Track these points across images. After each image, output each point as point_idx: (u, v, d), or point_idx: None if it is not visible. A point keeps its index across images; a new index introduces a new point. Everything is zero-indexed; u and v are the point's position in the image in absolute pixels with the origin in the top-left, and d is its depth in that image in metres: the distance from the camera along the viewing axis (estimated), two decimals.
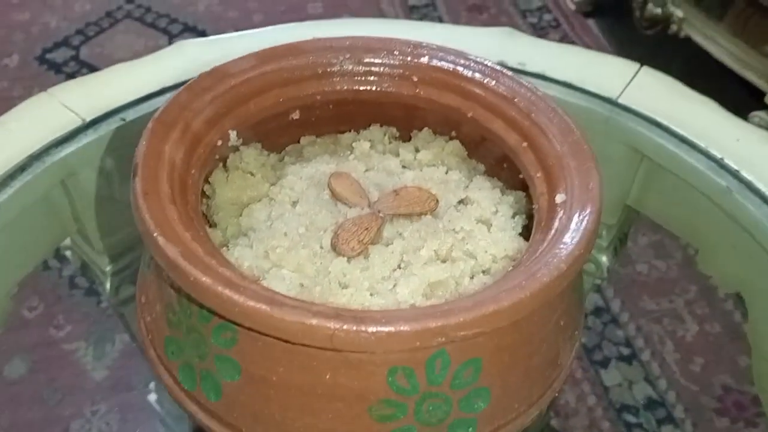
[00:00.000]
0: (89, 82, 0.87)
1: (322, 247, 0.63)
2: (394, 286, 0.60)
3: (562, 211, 0.56)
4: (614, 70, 0.88)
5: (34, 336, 1.88)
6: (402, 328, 0.46)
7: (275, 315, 0.46)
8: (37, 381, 1.84)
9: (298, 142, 0.75)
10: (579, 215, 0.55)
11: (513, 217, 0.68)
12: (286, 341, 0.47)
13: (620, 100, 0.85)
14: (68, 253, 1.29)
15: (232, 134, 0.66)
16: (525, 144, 0.64)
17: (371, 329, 0.46)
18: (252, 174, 0.71)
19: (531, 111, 0.65)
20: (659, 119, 0.82)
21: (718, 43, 1.81)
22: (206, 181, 0.70)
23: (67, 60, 2.38)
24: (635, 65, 0.89)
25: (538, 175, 0.61)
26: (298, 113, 0.71)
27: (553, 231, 0.54)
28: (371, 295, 0.59)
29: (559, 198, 0.58)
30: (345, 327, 0.45)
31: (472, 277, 0.62)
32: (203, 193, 0.71)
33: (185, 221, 0.53)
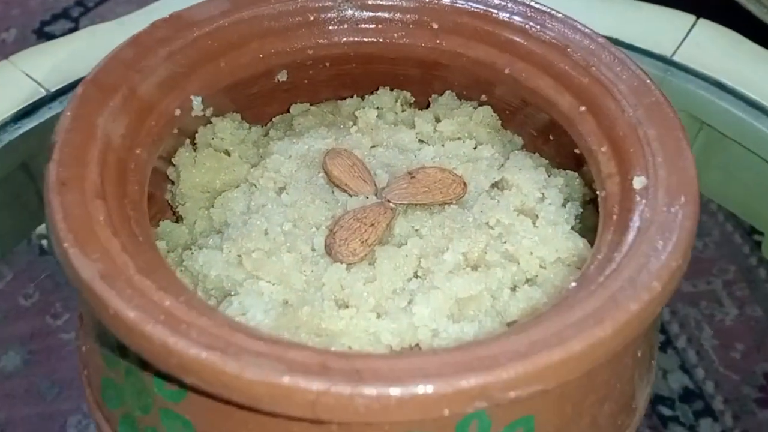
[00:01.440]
0: (56, 48, 0.73)
1: (314, 250, 0.48)
2: (410, 303, 0.45)
3: (643, 201, 0.40)
4: (666, 23, 0.76)
5: (29, 326, 1.76)
6: (422, 389, 0.30)
7: (228, 370, 0.31)
8: (33, 374, 1.72)
9: (287, 111, 0.59)
10: (670, 207, 0.39)
11: (564, 205, 0.52)
12: (249, 408, 0.32)
13: (675, 58, 0.73)
14: (44, 243, 1.14)
15: (196, 101, 0.50)
16: (583, 108, 0.48)
17: (374, 392, 0.30)
18: (227, 153, 0.55)
19: (591, 64, 0.49)
20: (722, 79, 0.71)
21: None
22: (170, 162, 0.55)
23: (65, 33, 2.24)
24: (690, 17, 0.76)
25: (603, 149, 0.45)
26: (285, 74, 0.55)
27: (633, 230, 0.39)
28: (378, 316, 0.44)
29: (639, 182, 0.42)
30: (334, 389, 0.30)
31: (513, 289, 0.46)
32: (166, 177, 0.56)
33: (116, 222, 0.38)
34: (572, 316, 0.34)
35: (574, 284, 0.39)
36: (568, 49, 0.51)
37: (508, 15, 0.53)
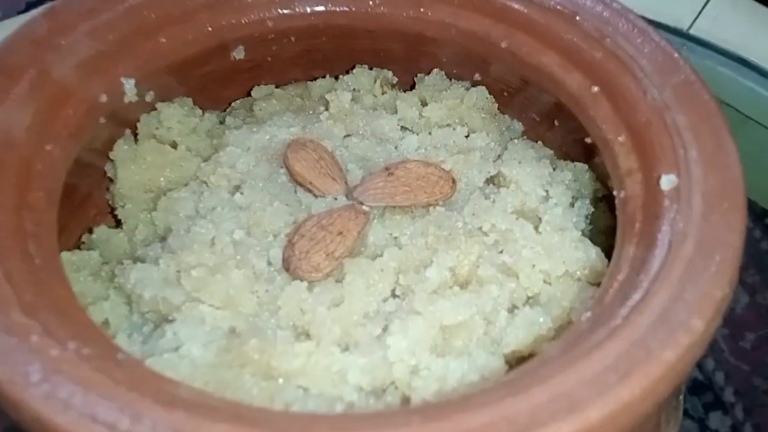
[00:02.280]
0: None
1: (269, 264, 0.39)
2: (384, 330, 0.36)
3: (674, 207, 0.32)
4: None
5: None
6: None
7: None
8: None
9: (249, 95, 0.51)
10: (710, 216, 0.31)
11: (572, 204, 0.43)
12: None
13: (692, 32, 0.66)
14: None
15: (128, 85, 0.41)
16: (596, 88, 0.39)
17: None
18: (174, 145, 0.47)
19: (605, 34, 0.40)
20: (744, 54, 0.63)
21: None
22: (107, 156, 0.46)
23: None
24: None
25: (621, 139, 0.37)
26: (242, 51, 0.47)
27: (662, 245, 0.30)
28: (344, 350, 0.36)
29: (667, 182, 0.33)
30: None
31: (512, 311, 0.38)
32: (105, 174, 0.47)
33: (4, 242, 0.29)
34: (588, 368, 0.25)
35: (587, 315, 0.31)
36: (577, 17, 0.42)
37: None
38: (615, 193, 0.38)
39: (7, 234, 0.31)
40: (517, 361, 0.38)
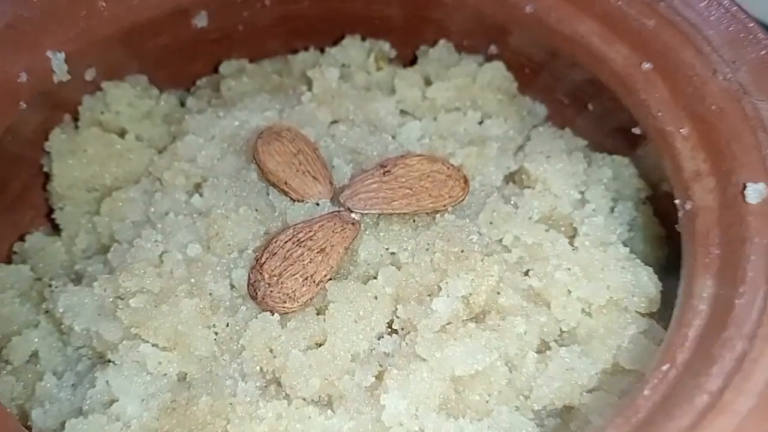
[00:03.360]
0: None
1: (232, 288, 0.31)
2: (378, 378, 0.28)
3: (766, 227, 0.23)
4: None
5: None
6: None
7: None
8: None
9: (216, 71, 0.42)
10: None
11: (612, 209, 0.35)
12: None
13: None
14: None
15: (56, 60, 0.33)
16: (647, 65, 0.31)
17: None
18: (122, 134, 0.38)
19: None
20: None
21: None
22: (43, 148, 0.38)
23: None
24: None
25: (684, 131, 0.29)
26: (204, 17, 0.39)
27: (756, 283, 0.22)
28: (325, 409, 0.27)
29: (755, 193, 0.25)
30: None
31: (542, 351, 0.30)
32: (41, 169, 0.39)
33: None
34: None
35: (653, 381, 0.23)
36: None
37: None
38: (678, 202, 0.29)
39: None
40: (547, 414, 0.29)
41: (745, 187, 0.26)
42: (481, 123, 0.39)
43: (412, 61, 0.44)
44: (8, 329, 0.34)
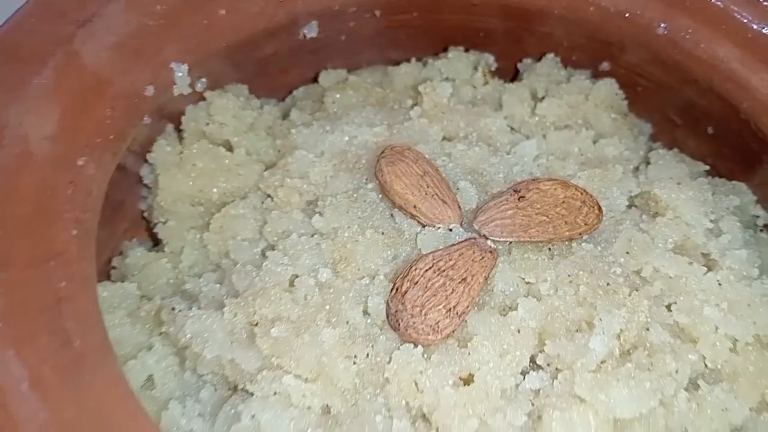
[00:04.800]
0: None
1: (367, 315, 0.30)
2: (530, 417, 0.27)
3: None
4: None
5: None
6: None
7: None
8: None
9: (315, 81, 0.41)
10: None
11: (741, 236, 0.34)
12: None
13: None
14: None
15: (179, 72, 0.32)
16: None
17: None
18: (228, 146, 0.37)
19: None
20: None
21: None
22: (144, 158, 0.37)
23: None
24: None
25: None
26: (315, 27, 0.37)
27: None
28: None
29: None
30: None
31: (693, 389, 0.29)
32: (140, 179, 0.38)
33: (17, 324, 0.20)
34: None
35: None
36: (766, 2, 0.32)
37: None
38: None
39: (30, 305, 0.21)
40: None
41: None
42: (595, 143, 0.38)
43: (515, 75, 0.42)
44: (120, 352, 0.32)
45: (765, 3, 0.32)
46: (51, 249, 0.24)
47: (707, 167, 0.37)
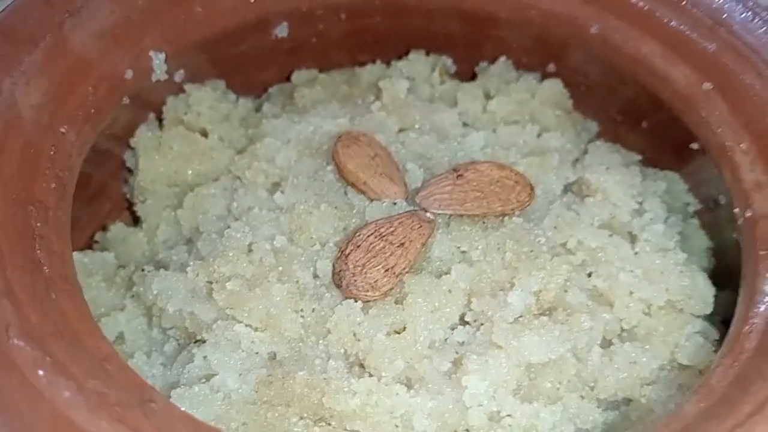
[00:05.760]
0: None
1: (316, 278, 0.33)
2: (455, 364, 0.30)
3: None
4: None
5: None
6: None
7: None
8: None
9: (288, 79, 0.45)
10: None
11: (665, 219, 0.37)
12: None
13: None
14: None
15: (157, 60, 0.36)
16: (708, 84, 0.33)
17: None
18: (204, 133, 0.41)
19: (719, 23, 0.34)
20: None
21: None
22: (127, 144, 0.41)
23: None
24: None
25: (744, 146, 0.31)
26: (285, 27, 0.41)
27: None
28: (410, 388, 0.29)
29: None
30: None
31: (607, 347, 0.32)
32: (123, 164, 0.41)
33: None
34: None
35: (722, 364, 0.25)
36: (685, 2, 0.36)
37: None
38: (737, 211, 0.32)
39: (9, 235, 0.25)
40: (609, 404, 0.32)
41: None
42: (539, 136, 0.42)
43: (472, 77, 0.46)
44: (95, 312, 0.36)
45: (685, 3, 0.36)
46: (31, 196, 0.27)
47: (640, 157, 0.41)
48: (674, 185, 0.40)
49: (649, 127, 0.41)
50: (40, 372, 0.20)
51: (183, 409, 0.25)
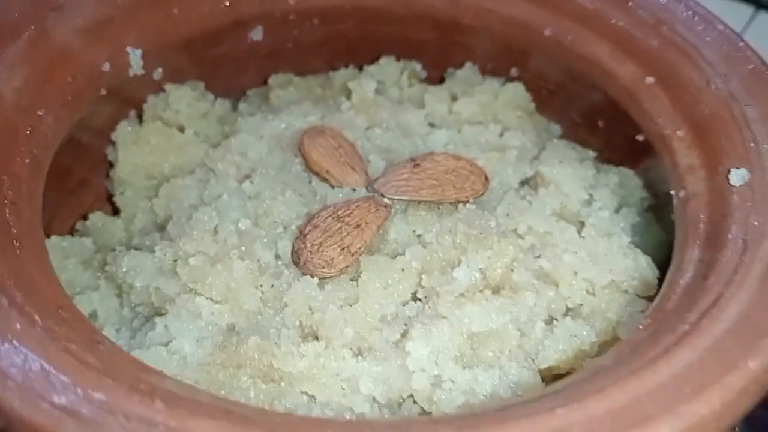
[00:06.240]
0: None
1: (277, 258, 0.35)
2: (403, 335, 0.32)
3: (748, 204, 0.27)
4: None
5: None
6: None
7: None
8: None
9: (266, 83, 0.47)
10: None
11: (618, 209, 0.39)
12: None
13: None
14: None
15: (134, 55, 0.38)
16: (651, 79, 0.35)
17: None
18: (181, 129, 0.43)
19: (662, 21, 0.36)
20: None
21: None
22: (108, 139, 0.43)
23: None
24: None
25: (681, 133, 0.33)
26: (260, 31, 0.43)
27: (735, 245, 0.26)
28: (357, 354, 0.31)
29: (738, 177, 0.29)
30: None
31: (550, 322, 0.33)
32: (106, 159, 0.44)
33: None
34: (655, 378, 0.21)
35: (646, 322, 0.26)
36: (630, 3, 0.38)
37: None
38: (673, 192, 0.33)
39: None
40: (553, 378, 0.33)
41: (729, 171, 0.30)
42: (501, 135, 0.44)
43: (440, 80, 0.48)
44: (70, 291, 0.38)
45: (630, 5, 0.38)
46: (6, 168, 0.29)
47: (595, 154, 0.43)
48: (628, 180, 0.41)
49: (605, 126, 0.43)
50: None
51: None
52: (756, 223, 0.27)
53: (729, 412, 0.21)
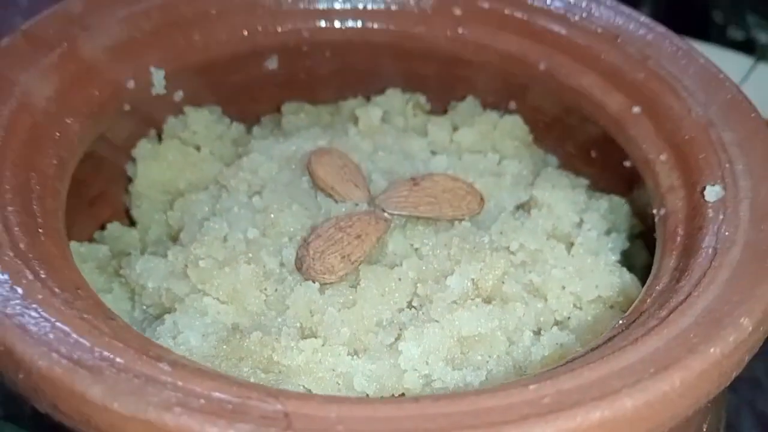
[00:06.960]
0: None
1: (282, 265, 0.37)
2: (397, 339, 0.33)
3: (720, 217, 0.30)
4: None
5: None
6: None
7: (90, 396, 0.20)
8: None
9: (279, 111, 0.50)
10: (761, 225, 0.28)
11: (608, 233, 0.41)
12: None
13: None
14: None
15: (157, 75, 0.41)
16: (637, 108, 0.38)
17: None
18: (197, 148, 0.45)
19: (647, 56, 0.39)
20: None
21: None
22: (127, 155, 0.45)
23: None
24: None
25: (663, 157, 0.35)
26: (275, 60, 0.46)
27: (706, 252, 0.28)
28: (352, 353, 0.33)
29: (713, 193, 0.31)
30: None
31: (537, 332, 0.35)
32: (125, 173, 0.46)
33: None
34: (623, 360, 0.23)
35: (620, 321, 0.28)
36: (619, 40, 0.41)
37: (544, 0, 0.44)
38: (655, 211, 0.35)
39: (12, 187, 0.30)
40: None
41: (704, 188, 0.32)
42: (499, 163, 0.46)
43: (443, 111, 0.51)
44: None
45: (619, 41, 0.41)
46: (33, 166, 0.32)
47: (587, 181, 0.45)
48: (618, 207, 0.43)
49: (598, 156, 0.45)
50: (23, 280, 0.24)
51: None
52: (727, 233, 0.29)
53: (689, 392, 0.22)
